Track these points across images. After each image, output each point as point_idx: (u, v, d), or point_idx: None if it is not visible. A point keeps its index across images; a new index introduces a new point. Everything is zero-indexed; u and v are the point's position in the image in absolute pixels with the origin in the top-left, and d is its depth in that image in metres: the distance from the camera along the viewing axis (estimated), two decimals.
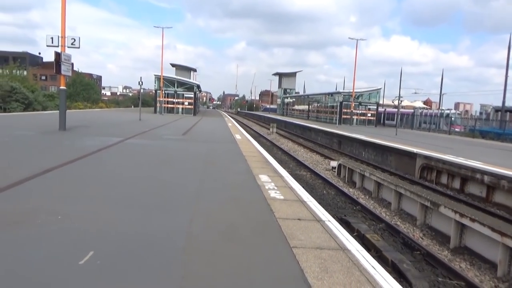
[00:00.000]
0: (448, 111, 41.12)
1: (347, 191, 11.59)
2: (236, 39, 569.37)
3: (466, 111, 66.17)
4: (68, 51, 13.60)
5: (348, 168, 13.04)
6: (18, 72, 41.38)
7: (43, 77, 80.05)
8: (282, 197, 5.64)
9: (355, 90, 38.57)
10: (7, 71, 36.82)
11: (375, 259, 3.60)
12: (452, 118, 36.42)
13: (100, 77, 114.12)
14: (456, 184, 12.54)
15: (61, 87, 13.67)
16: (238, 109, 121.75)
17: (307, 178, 13.53)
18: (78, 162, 7.60)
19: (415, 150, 15.26)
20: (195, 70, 59.70)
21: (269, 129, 34.95)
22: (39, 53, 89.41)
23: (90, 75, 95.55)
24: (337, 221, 5.19)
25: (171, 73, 45.75)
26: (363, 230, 7.44)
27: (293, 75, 68.46)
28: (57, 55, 13.01)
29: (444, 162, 13.18)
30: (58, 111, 14.21)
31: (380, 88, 41.02)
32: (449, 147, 19.01)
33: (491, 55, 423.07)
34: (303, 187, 6.94)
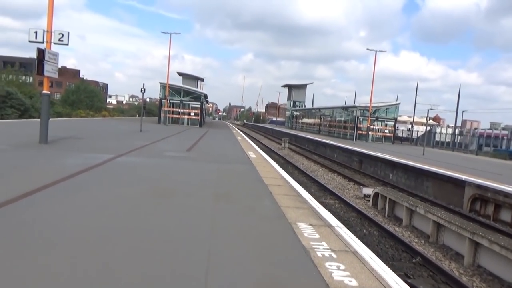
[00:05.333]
0: (476, 130, 38.70)
1: (393, 230, 9.14)
2: (244, 51, 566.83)
3: (475, 129, 63.25)
4: (55, 48, 11.44)
5: (390, 199, 10.58)
6: (19, 77, 39.47)
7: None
8: (355, 284, 3.23)
9: (372, 105, 36.23)
10: (4, 75, 34.83)
11: None
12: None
13: (107, 85, 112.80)
14: None
15: (44, 92, 11.36)
16: (245, 121, 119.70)
17: (337, 209, 11.10)
18: (34, 196, 5.25)
19: (463, 177, 12.77)
20: (202, 80, 57.90)
21: (280, 144, 32.58)
22: None
23: (96, 82, 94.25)
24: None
25: (178, 83, 43.82)
26: None
27: (303, 87, 66.57)
28: (40, 53, 10.75)
29: (506, 194, 10.71)
30: (55, 118, 11.89)
31: (399, 103, 38.61)
32: (494, 172, 16.50)
33: (501, 73, 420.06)
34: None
